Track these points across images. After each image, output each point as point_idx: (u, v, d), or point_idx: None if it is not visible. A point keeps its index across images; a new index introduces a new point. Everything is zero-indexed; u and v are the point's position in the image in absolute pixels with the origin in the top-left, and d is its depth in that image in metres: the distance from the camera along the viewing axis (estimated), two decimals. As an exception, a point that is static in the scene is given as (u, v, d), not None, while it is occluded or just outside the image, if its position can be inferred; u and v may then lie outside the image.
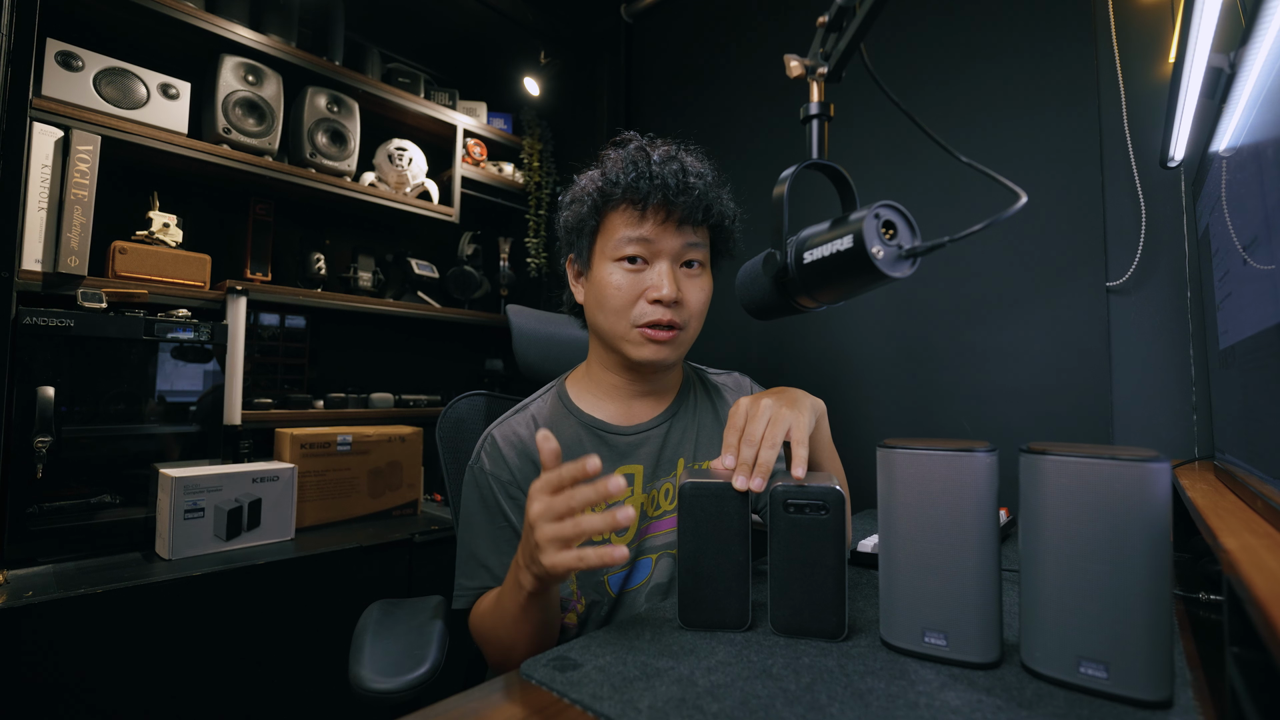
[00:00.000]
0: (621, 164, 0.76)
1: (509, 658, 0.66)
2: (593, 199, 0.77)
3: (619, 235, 0.76)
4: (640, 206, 0.74)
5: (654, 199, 0.74)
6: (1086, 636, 0.45)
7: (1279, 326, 0.53)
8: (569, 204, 0.82)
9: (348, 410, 1.72)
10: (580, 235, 0.80)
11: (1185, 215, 1.05)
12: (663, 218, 0.75)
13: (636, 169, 0.75)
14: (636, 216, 0.75)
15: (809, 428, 0.63)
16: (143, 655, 1.06)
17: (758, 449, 0.60)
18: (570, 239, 0.82)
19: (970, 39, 1.28)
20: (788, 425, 0.61)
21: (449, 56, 2.20)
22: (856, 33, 0.55)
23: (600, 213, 0.77)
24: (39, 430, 1.12)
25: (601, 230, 0.78)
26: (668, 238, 0.75)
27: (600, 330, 0.79)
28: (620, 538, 0.79)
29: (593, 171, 0.80)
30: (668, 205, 0.74)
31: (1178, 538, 0.71)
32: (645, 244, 0.75)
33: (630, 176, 0.74)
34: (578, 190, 0.81)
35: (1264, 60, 0.61)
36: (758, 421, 0.62)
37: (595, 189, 0.77)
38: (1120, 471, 0.44)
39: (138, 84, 1.39)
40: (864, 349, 1.41)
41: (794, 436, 0.61)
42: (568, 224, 0.81)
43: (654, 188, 0.73)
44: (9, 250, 1.13)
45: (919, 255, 0.50)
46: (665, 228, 0.75)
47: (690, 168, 0.76)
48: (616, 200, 0.76)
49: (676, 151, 0.79)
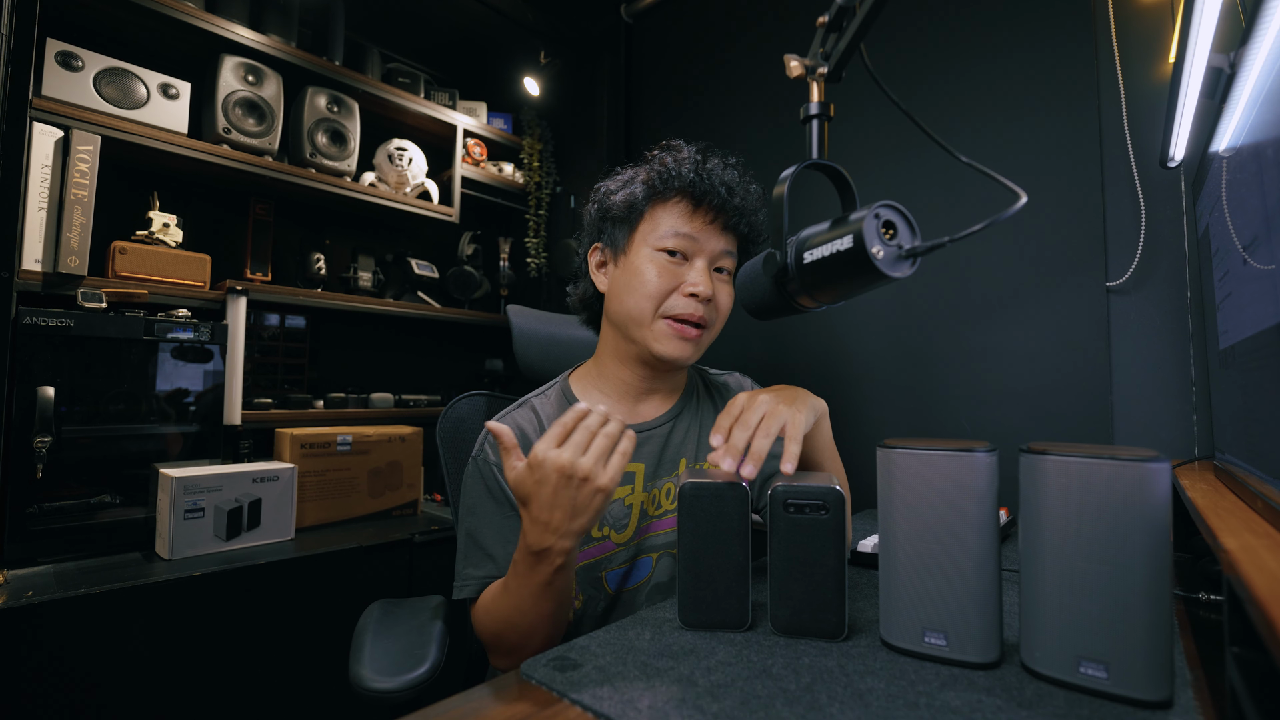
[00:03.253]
0: (682, 160, 0.79)
1: (526, 644, 0.65)
2: (649, 185, 0.79)
3: (666, 226, 0.78)
4: (695, 203, 0.77)
5: (710, 199, 0.77)
6: (1086, 636, 0.45)
7: (1279, 326, 0.53)
8: (614, 190, 0.82)
9: (348, 410, 1.72)
10: (622, 221, 0.81)
11: (1185, 215, 1.05)
12: (711, 218, 0.78)
13: (696, 168, 0.78)
14: (688, 211, 0.78)
15: (806, 426, 0.63)
16: (143, 655, 1.06)
17: (751, 435, 0.60)
18: (603, 225, 0.83)
19: (970, 39, 1.28)
20: (783, 420, 0.61)
21: (449, 56, 2.20)
22: (856, 33, 0.55)
23: (651, 200, 0.79)
24: (39, 430, 1.12)
25: (647, 218, 0.80)
26: (712, 239, 0.78)
27: (624, 317, 0.79)
28: (620, 534, 0.79)
29: (642, 166, 0.82)
30: (720, 207, 0.78)
31: (1178, 538, 0.71)
32: (689, 240, 0.77)
33: (692, 173, 0.77)
34: (627, 176, 0.83)
35: (1264, 60, 0.61)
36: (753, 412, 0.62)
37: (654, 175, 0.79)
38: (1120, 471, 0.44)
39: (138, 84, 1.40)
40: (864, 349, 1.41)
41: (789, 432, 0.61)
42: (609, 209, 0.82)
43: (712, 188, 0.77)
44: (9, 250, 1.13)
45: (919, 255, 0.50)
46: (711, 229, 0.78)
47: (742, 180, 0.80)
48: (672, 192, 0.78)
49: (735, 162, 0.82)
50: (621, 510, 0.79)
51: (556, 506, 0.57)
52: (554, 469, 0.57)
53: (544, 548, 0.59)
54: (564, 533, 0.58)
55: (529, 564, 0.61)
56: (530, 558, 0.61)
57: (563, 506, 0.57)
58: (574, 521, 0.58)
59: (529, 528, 0.60)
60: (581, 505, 0.58)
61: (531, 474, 0.58)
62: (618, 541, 0.79)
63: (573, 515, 0.58)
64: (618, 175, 0.84)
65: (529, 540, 0.60)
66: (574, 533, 0.59)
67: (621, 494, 0.79)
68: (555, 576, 0.61)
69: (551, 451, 0.57)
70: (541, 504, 0.58)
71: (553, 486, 0.57)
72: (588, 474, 0.57)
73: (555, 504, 0.57)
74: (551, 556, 0.59)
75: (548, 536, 0.59)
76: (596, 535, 0.78)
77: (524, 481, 0.59)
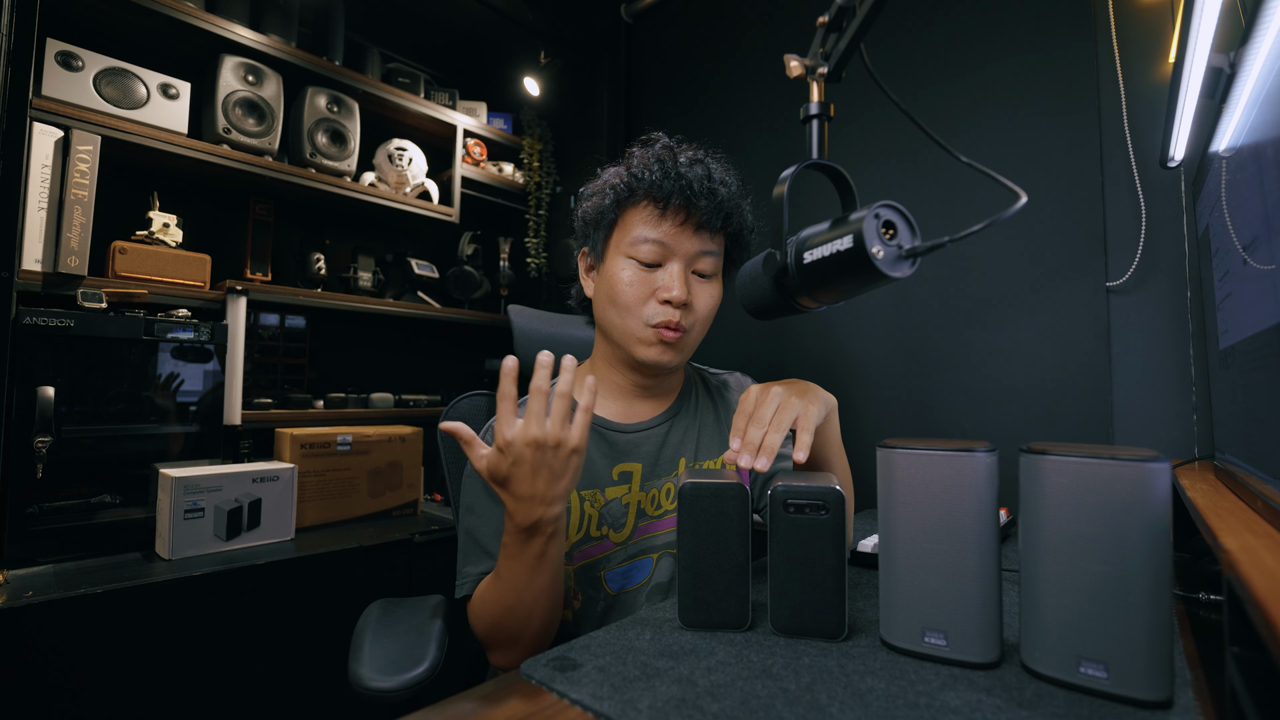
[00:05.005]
0: (648, 161, 0.76)
1: (524, 630, 0.65)
2: (615, 192, 0.77)
3: (636, 232, 0.76)
4: (661, 206, 0.75)
5: (676, 200, 0.74)
6: (1086, 636, 0.45)
7: (1279, 326, 0.53)
8: (590, 195, 0.82)
9: (348, 410, 1.72)
10: (597, 228, 0.80)
11: (1185, 215, 1.05)
12: (681, 219, 0.75)
13: (663, 168, 0.75)
14: (656, 215, 0.75)
15: (818, 418, 0.63)
16: (143, 655, 1.06)
17: (765, 431, 0.60)
18: (586, 231, 0.83)
19: (970, 39, 1.28)
20: (796, 413, 0.62)
21: (449, 56, 2.20)
22: (856, 33, 0.55)
23: (620, 207, 0.78)
24: (39, 430, 1.12)
25: (619, 225, 0.78)
26: (684, 240, 0.76)
27: (609, 326, 0.79)
28: (618, 534, 0.79)
29: (618, 167, 0.80)
30: (688, 208, 0.75)
31: (1178, 538, 0.71)
32: (659, 246, 0.75)
33: (655, 175, 0.75)
34: (600, 183, 0.81)
35: (1264, 60, 0.61)
36: (767, 406, 0.62)
37: (620, 182, 0.77)
38: (1120, 471, 0.44)
39: (138, 84, 1.40)
40: (864, 349, 1.41)
41: (801, 424, 0.61)
42: (586, 216, 0.82)
43: (677, 188, 0.74)
44: (9, 250, 1.13)
45: (919, 255, 0.50)
46: (683, 230, 0.75)
47: (715, 174, 0.77)
48: (639, 197, 0.76)
49: (704, 156, 0.79)
50: (619, 509, 0.79)
51: (537, 478, 0.59)
52: (524, 444, 0.58)
53: (533, 520, 0.60)
54: (550, 499, 0.60)
55: (520, 542, 0.62)
56: (520, 535, 0.62)
57: (543, 476, 0.59)
58: (556, 486, 0.60)
59: (515, 508, 0.61)
60: (559, 470, 0.60)
61: (504, 457, 0.59)
62: (616, 541, 0.79)
63: (553, 481, 0.60)
64: (596, 178, 0.83)
65: (517, 519, 0.61)
66: (559, 497, 0.61)
67: (618, 493, 0.79)
68: (548, 546, 0.62)
69: (516, 429, 0.58)
70: (522, 480, 0.59)
71: (530, 462, 0.59)
72: (558, 440, 0.59)
73: (535, 476, 0.59)
74: (543, 526, 0.61)
75: (535, 508, 0.60)
76: (595, 534, 0.78)
77: (499, 466, 0.60)
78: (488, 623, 0.68)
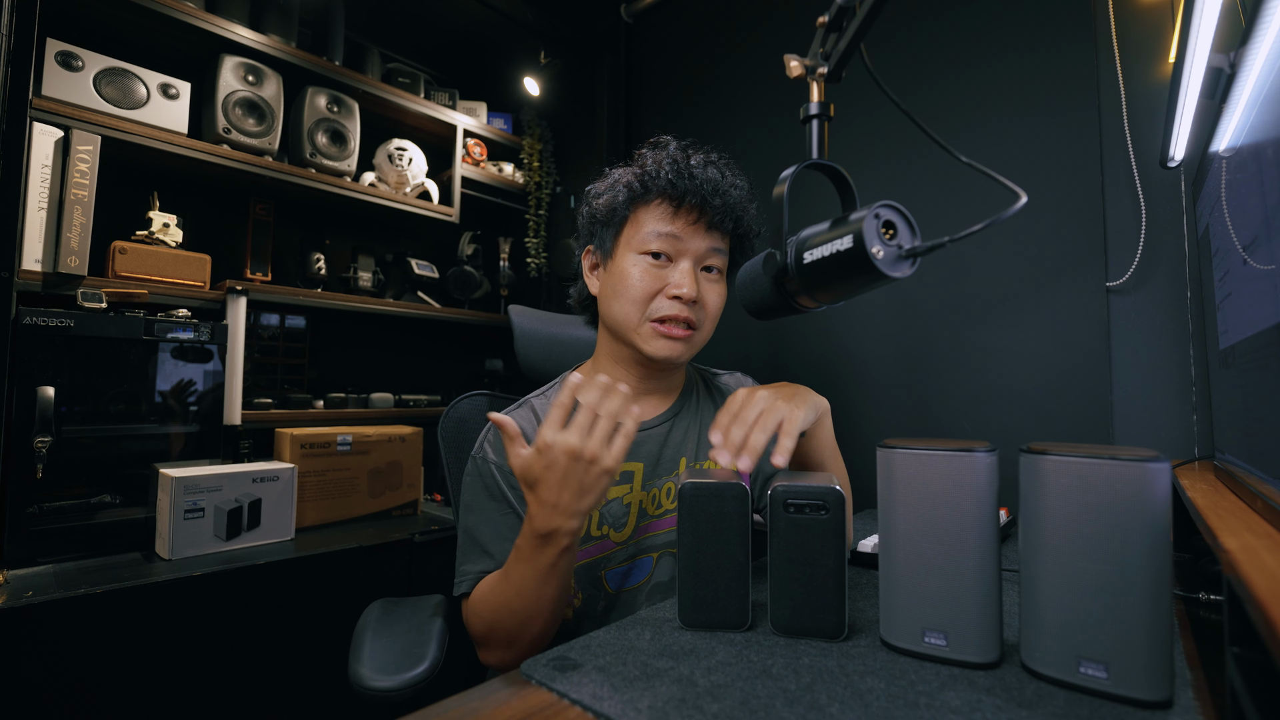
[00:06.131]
0: (661, 161, 0.78)
1: (521, 634, 0.65)
2: (629, 189, 0.78)
3: (648, 229, 0.77)
4: (675, 204, 0.76)
5: (691, 199, 0.76)
6: (1086, 636, 0.45)
7: (1279, 326, 0.53)
8: (600, 193, 0.82)
9: (348, 410, 1.72)
10: (607, 225, 0.81)
11: (1185, 215, 1.05)
12: (694, 218, 0.77)
13: (677, 168, 0.76)
14: (670, 212, 0.77)
15: (804, 422, 0.63)
16: (143, 655, 1.06)
17: (748, 431, 0.61)
18: (593, 229, 0.83)
19: (970, 39, 1.28)
20: (781, 416, 0.62)
21: (449, 56, 2.20)
22: (856, 33, 0.55)
23: (633, 204, 0.79)
24: (39, 430, 1.12)
25: (631, 221, 0.79)
26: (695, 239, 0.77)
27: (613, 321, 0.80)
28: (619, 533, 0.79)
29: (629, 167, 0.82)
30: (702, 206, 0.76)
31: (1178, 538, 0.71)
32: (673, 241, 0.76)
33: (670, 174, 0.76)
34: (610, 181, 0.82)
35: (1264, 60, 0.61)
36: (752, 407, 0.63)
37: (634, 178, 0.78)
38: (1120, 471, 0.44)
39: (138, 84, 1.39)
40: (864, 349, 1.41)
41: (785, 428, 0.61)
42: (595, 213, 0.82)
43: (692, 187, 0.75)
44: (9, 250, 1.13)
45: (919, 255, 0.50)
46: (695, 229, 0.77)
47: (728, 175, 0.79)
48: (653, 194, 0.77)
49: (716, 158, 0.81)
50: (620, 509, 0.79)
51: (565, 488, 0.60)
52: (562, 452, 0.59)
53: (552, 529, 0.61)
54: (571, 513, 0.61)
55: (534, 547, 0.62)
56: (536, 540, 0.62)
57: (571, 487, 0.60)
58: (581, 501, 0.61)
59: (536, 511, 0.61)
60: (588, 485, 0.60)
61: (540, 458, 0.60)
62: (616, 540, 0.79)
63: (580, 495, 0.60)
64: (605, 177, 0.84)
65: (536, 524, 0.61)
66: (581, 512, 0.61)
67: (619, 493, 0.80)
68: (560, 558, 0.63)
69: (560, 435, 0.59)
70: (550, 486, 0.60)
71: (562, 470, 0.59)
72: (595, 455, 0.60)
73: (564, 485, 0.60)
74: (558, 537, 0.61)
75: (556, 517, 0.60)
76: (595, 534, 0.78)
77: (532, 466, 0.61)
78: (486, 621, 0.68)
